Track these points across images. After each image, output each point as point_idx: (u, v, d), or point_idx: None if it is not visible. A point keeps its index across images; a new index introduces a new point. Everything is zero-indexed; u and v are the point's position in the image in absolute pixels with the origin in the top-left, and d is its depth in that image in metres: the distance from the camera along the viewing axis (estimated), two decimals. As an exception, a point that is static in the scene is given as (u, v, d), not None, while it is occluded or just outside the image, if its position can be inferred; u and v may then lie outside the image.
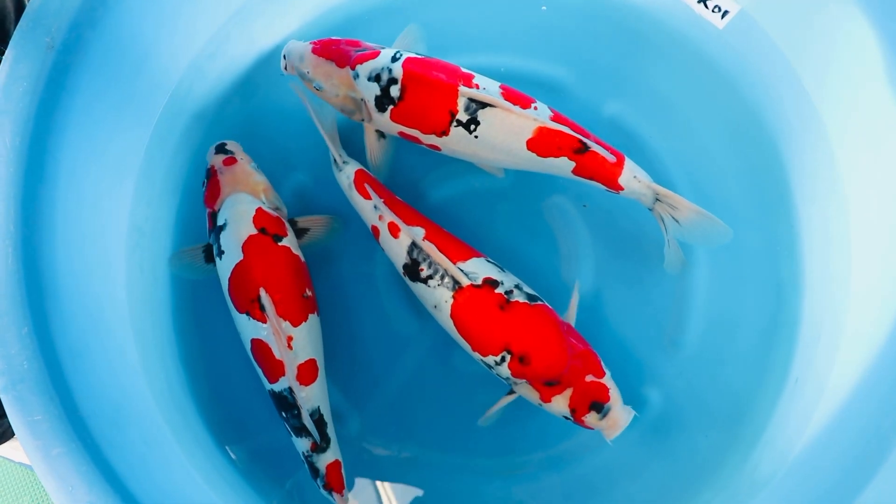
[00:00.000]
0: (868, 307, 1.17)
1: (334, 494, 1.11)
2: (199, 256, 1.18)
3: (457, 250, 1.11)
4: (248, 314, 1.10)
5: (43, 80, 1.04)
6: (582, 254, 1.27)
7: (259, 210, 1.15)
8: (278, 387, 1.10)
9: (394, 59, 1.10)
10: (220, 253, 1.14)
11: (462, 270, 1.09)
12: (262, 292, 1.08)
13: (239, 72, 1.31)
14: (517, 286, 1.10)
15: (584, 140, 1.08)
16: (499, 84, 1.11)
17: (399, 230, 1.13)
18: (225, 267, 1.13)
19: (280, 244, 1.14)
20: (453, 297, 1.09)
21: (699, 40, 1.28)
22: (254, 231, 1.13)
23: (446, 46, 1.34)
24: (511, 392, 1.14)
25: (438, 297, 1.10)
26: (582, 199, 1.28)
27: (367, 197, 1.16)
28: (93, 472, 0.97)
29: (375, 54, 1.11)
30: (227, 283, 1.12)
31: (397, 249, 1.13)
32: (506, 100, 1.08)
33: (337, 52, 1.13)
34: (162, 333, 1.23)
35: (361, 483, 1.23)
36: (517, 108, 1.08)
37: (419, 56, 1.11)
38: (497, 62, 1.33)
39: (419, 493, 1.23)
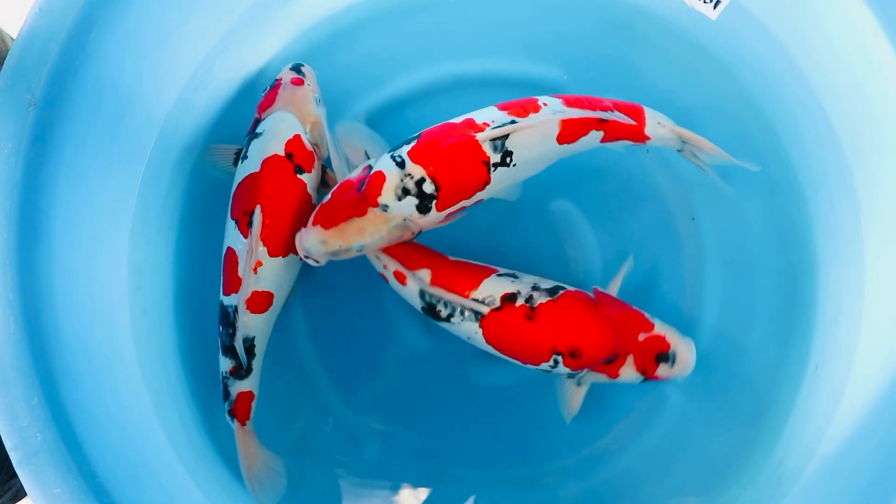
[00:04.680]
0: (886, 289, 1.16)
1: (235, 422, 1.11)
2: (230, 157, 1.18)
3: (466, 280, 1.09)
4: (236, 223, 1.11)
5: (27, 138, 1.01)
6: (589, 257, 1.26)
7: (296, 137, 1.14)
8: (227, 301, 1.10)
9: (400, 164, 1.02)
10: (244, 158, 1.14)
11: (477, 300, 1.08)
12: (258, 210, 1.08)
13: (227, 98, 1.28)
14: (534, 287, 1.10)
15: (605, 110, 1.08)
16: (495, 106, 1.07)
17: (405, 277, 1.10)
18: (241, 172, 1.13)
19: (299, 177, 1.13)
20: (480, 326, 1.08)
21: (693, 31, 1.25)
22: (281, 153, 1.12)
23: (435, 54, 1.32)
24: (580, 384, 1.14)
25: (467, 330, 1.09)
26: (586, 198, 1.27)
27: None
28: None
29: (381, 176, 1.02)
30: (235, 186, 1.13)
31: (410, 295, 1.12)
32: (520, 117, 1.04)
33: (347, 206, 1.03)
34: (172, 374, 1.21)
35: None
36: (535, 117, 1.04)
37: (413, 142, 1.04)
38: (488, 67, 1.31)
39: (444, 510, 1.23)
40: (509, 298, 1.08)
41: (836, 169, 1.20)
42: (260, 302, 1.10)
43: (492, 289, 1.09)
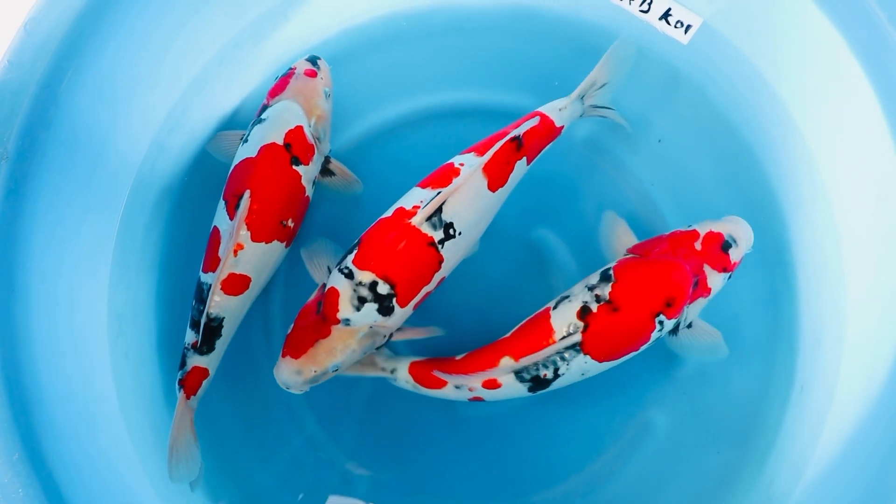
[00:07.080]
0: (867, 309, 1.17)
1: (181, 393, 1.10)
2: (236, 144, 1.18)
3: (539, 335, 1.08)
4: (225, 204, 1.12)
5: (0, 193, 1.02)
6: (572, 283, 1.25)
7: (298, 128, 1.15)
8: (204, 278, 1.11)
9: (349, 275, 1.03)
10: (245, 141, 1.15)
11: (564, 336, 1.06)
12: (246, 194, 1.09)
13: (202, 139, 1.28)
14: (589, 287, 1.10)
15: (515, 137, 1.09)
16: (416, 185, 1.09)
17: (495, 380, 1.09)
18: (240, 154, 1.14)
19: (294, 168, 1.13)
20: (585, 354, 1.06)
21: (666, 55, 1.27)
22: (280, 142, 1.13)
23: (410, 87, 1.32)
24: (691, 325, 1.15)
25: (578, 367, 1.08)
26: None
27: (442, 384, 1.11)
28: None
29: (334, 292, 1.03)
30: (232, 167, 1.14)
31: (512, 389, 1.09)
32: (444, 187, 1.05)
33: (311, 331, 1.03)
34: (156, 418, 1.19)
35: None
36: (458, 180, 1.05)
37: (355, 250, 1.05)
38: (462, 98, 1.32)
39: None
40: (585, 311, 1.07)
41: (814, 188, 1.21)
42: (236, 285, 1.10)
43: (564, 319, 1.08)
